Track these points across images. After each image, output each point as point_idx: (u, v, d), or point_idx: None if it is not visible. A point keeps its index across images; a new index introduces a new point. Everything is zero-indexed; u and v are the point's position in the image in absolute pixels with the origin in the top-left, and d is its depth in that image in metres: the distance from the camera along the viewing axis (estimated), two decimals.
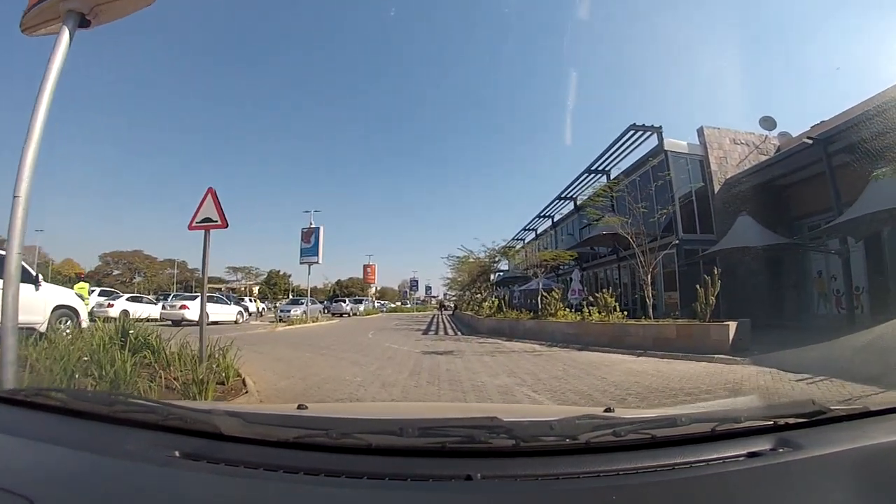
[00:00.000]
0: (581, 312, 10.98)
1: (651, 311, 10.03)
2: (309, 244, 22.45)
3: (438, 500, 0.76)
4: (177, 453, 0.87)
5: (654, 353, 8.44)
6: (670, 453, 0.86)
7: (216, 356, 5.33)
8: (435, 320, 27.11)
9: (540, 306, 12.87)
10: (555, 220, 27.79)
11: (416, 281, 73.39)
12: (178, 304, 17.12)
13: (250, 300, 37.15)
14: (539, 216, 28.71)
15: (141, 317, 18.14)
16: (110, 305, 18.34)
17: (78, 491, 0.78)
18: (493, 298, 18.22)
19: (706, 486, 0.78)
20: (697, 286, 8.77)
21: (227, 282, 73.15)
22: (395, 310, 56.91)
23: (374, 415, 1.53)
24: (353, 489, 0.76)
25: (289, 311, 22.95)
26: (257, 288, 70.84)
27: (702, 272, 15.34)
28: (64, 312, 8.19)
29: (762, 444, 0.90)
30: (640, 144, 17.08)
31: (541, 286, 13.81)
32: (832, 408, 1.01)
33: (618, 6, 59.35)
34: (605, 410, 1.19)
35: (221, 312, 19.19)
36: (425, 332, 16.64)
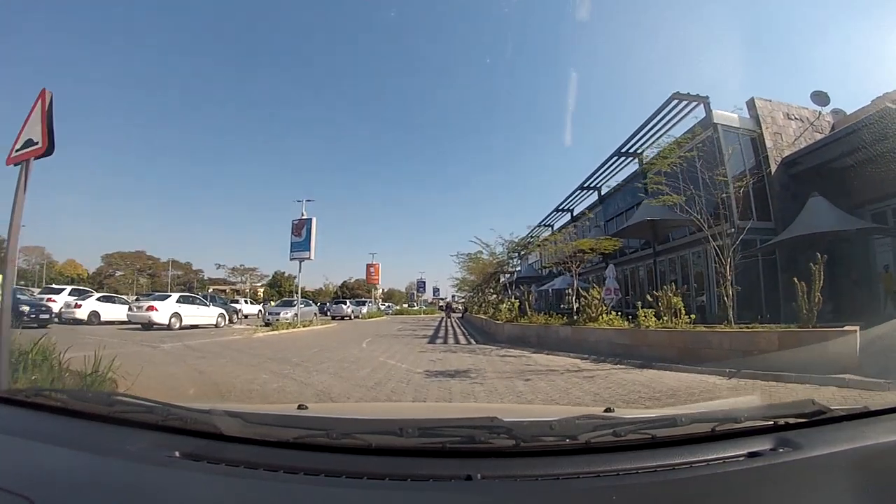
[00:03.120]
0: (635, 317, 8.46)
1: (730, 313, 7.52)
2: (300, 237, 19.57)
3: (438, 500, 0.75)
4: (177, 453, 0.86)
5: (752, 373, 6.09)
6: (670, 453, 0.85)
7: (122, 379, 4.19)
8: (442, 324, 24.41)
9: (575, 308, 10.37)
10: (574, 213, 25.26)
11: (424, 282, 70.87)
12: (145, 304, 14.67)
13: (245, 301, 35.55)
14: (557, 209, 26.13)
15: (109, 319, 16.41)
16: (78, 306, 16.56)
17: (78, 491, 0.77)
18: (513, 299, 15.58)
19: (706, 486, 0.77)
20: (795, 279, 6.62)
21: (232, 283, 71.82)
22: (400, 312, 53.93)
23: (374, 415, 1.50)
24: (353, 489, 0.76)
25: (277, 313, 20.34)
26: (262, 290, 69.63)
27: (760, 265, 13.31)
28: None
29: (762, 444, 0.88)
30: (682, 119, 14.68)
31: (576, 284, 11.28)
32: (832, 408, 0.98)
33: None
34: (605, 410, 1.15)
35: (200, 315, 16.97)
36: (432, 339, 13.89)
